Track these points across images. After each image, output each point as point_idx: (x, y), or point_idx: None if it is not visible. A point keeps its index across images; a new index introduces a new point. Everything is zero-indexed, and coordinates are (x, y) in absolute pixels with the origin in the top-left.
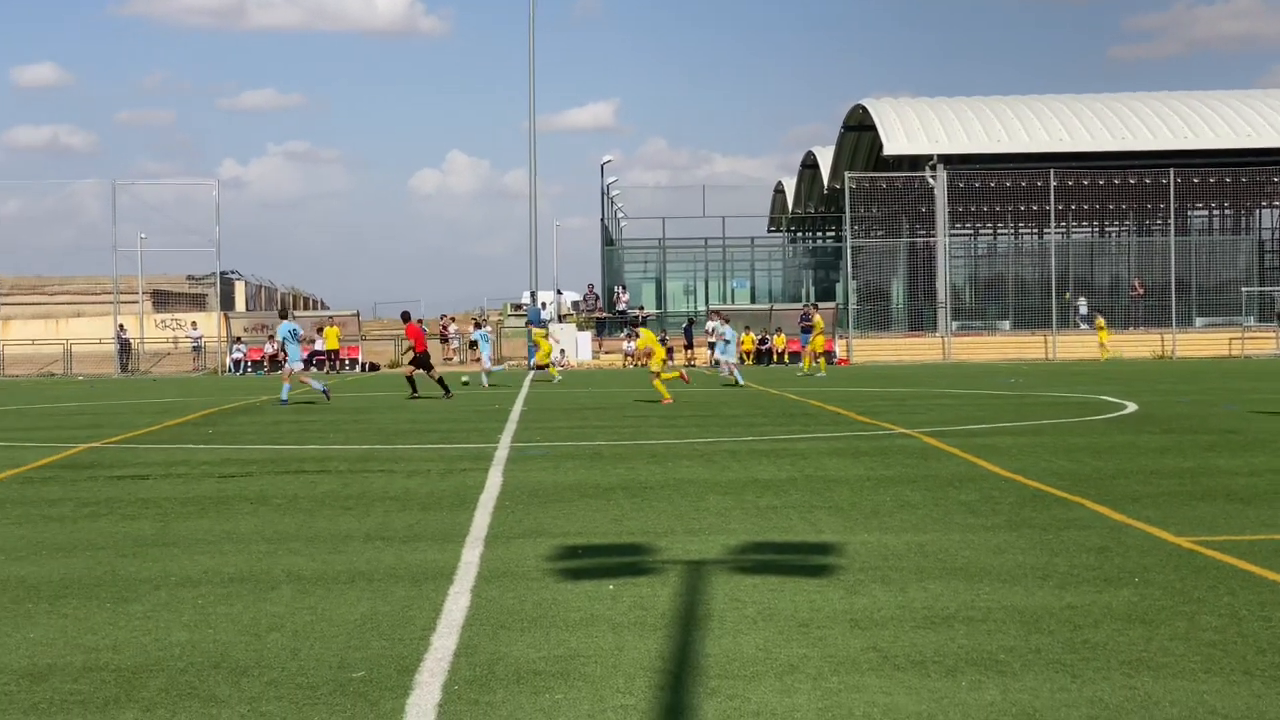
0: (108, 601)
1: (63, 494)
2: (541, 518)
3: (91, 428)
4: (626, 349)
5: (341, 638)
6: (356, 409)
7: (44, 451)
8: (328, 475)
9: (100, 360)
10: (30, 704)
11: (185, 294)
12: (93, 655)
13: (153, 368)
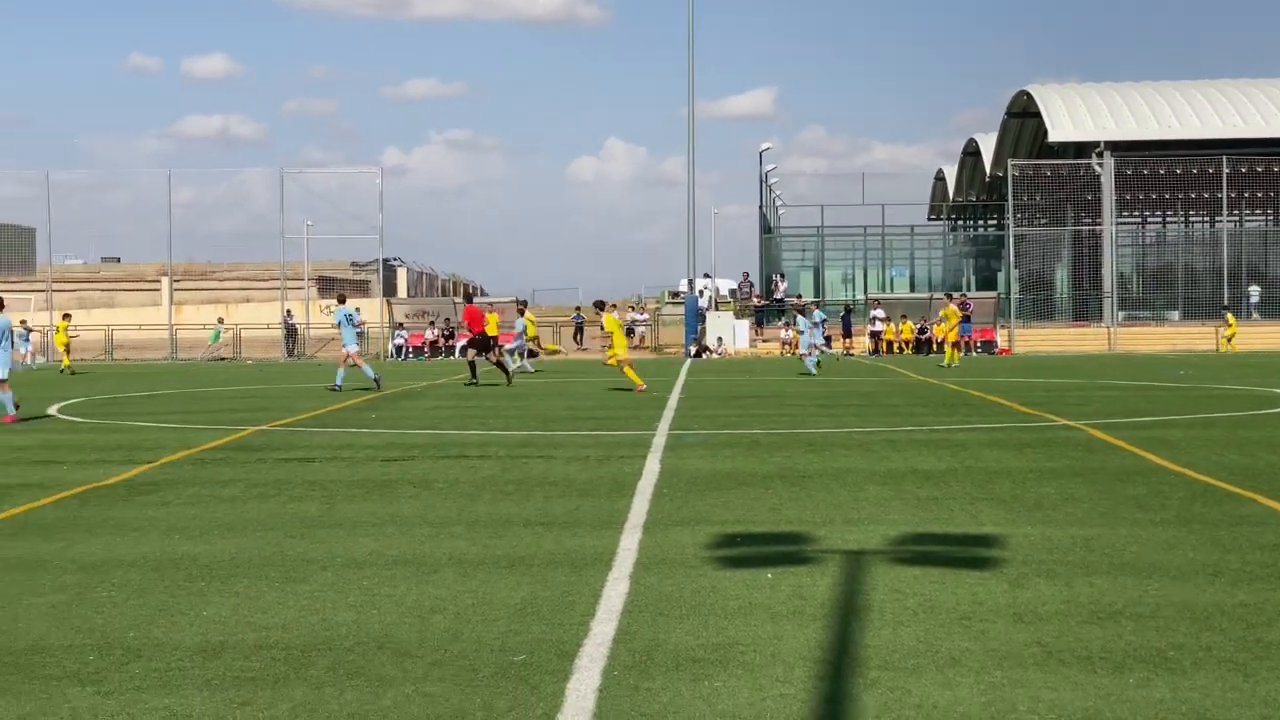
0: (277, 581)
1: (233, 475)
2: (699, 505)
3: (260, 410)
4: (784, 337)
5: (502, 621)
6: (515, 395)
7: (215, 434)
8: (488, 460)
9: (268, 345)
10: (204, 680)
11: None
12: (263, 633)
13: (317, 352)
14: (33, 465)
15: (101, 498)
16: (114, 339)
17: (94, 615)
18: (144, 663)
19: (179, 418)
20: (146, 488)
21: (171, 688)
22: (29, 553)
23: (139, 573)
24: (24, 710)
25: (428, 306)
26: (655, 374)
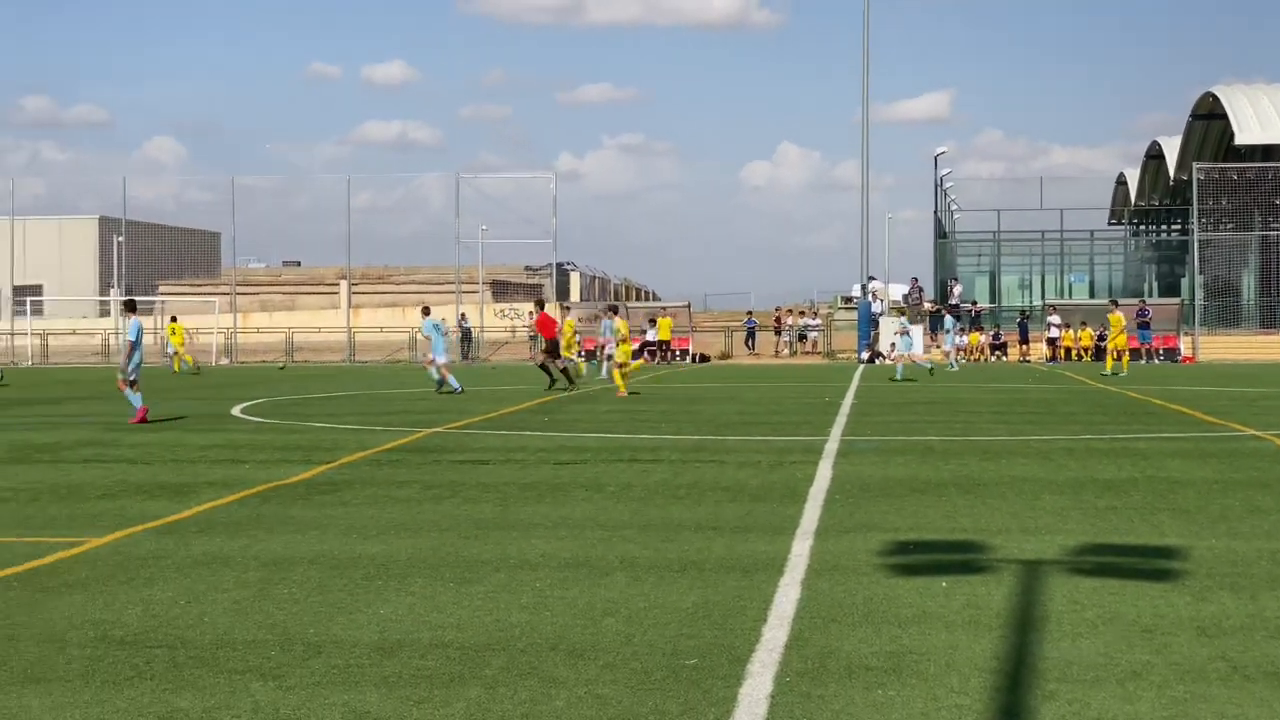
0: (451, 581)
1: (409, 476)
2: (872, 512)
3: (435, 413)
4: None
5: (674, 625)
6: (688, 399)
7: (391, 435)
8: (660, 465)
9: None
10: (381, 677)
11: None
12: (438, 632)
13: (492, 355)
14: (217, 464)
15: (282, 497)
16: (294, 341)
17: (275, 611)
18: (324, 659)
19: (357, 419)
20: (326, 487)
21: (350, 684)
22: (214, 549)
23: (319, 570)
24: (209, 703)
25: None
26: (827, 380)
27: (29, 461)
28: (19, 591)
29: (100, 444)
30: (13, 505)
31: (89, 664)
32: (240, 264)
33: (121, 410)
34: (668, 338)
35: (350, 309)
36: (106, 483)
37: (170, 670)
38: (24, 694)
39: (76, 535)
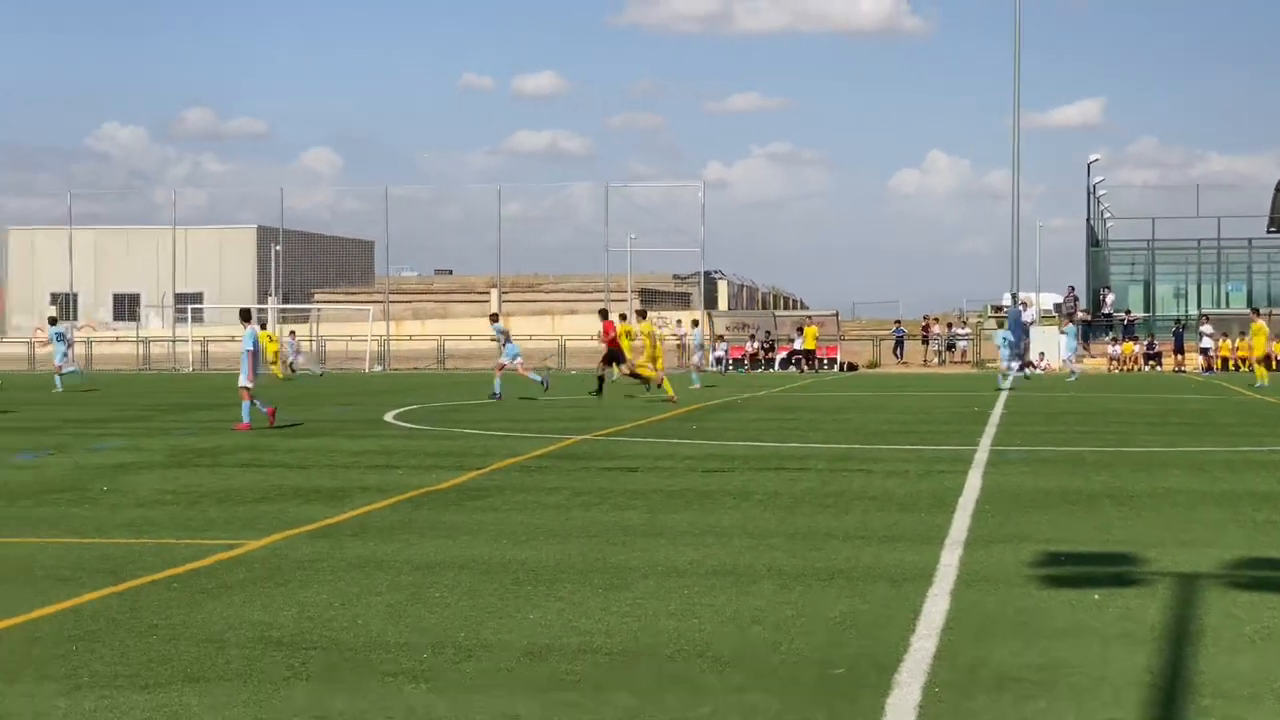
0: (600, 588)
1: (558, 483)
2: (1022, 523)
3: (583, 420)
4: (1112, 353)
5: (822, 634)
6: (835, 408)
7: (541, 442)
8: (807, 473)
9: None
10: (530, 682)
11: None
12: (586, 638)
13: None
14: (371, 470)
15: (434, 502)
16: (445, 349)
17: (427, 615)
18: (474, 663)
19: (506, 426)
20: (476, 493)
21: (500, 688)
22: (368, 553)
23: (469, 575)
24: (363, 705)
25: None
26: (976, 389)
27: (189, 466)
28: (180, 592)
29: (257, 449)
30: (174, 508)
31: (247, 664)
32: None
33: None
34: (813, 346)
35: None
36: (264, 487)
37: (325, 671)
38: (185, 692)
39: (235, 538)
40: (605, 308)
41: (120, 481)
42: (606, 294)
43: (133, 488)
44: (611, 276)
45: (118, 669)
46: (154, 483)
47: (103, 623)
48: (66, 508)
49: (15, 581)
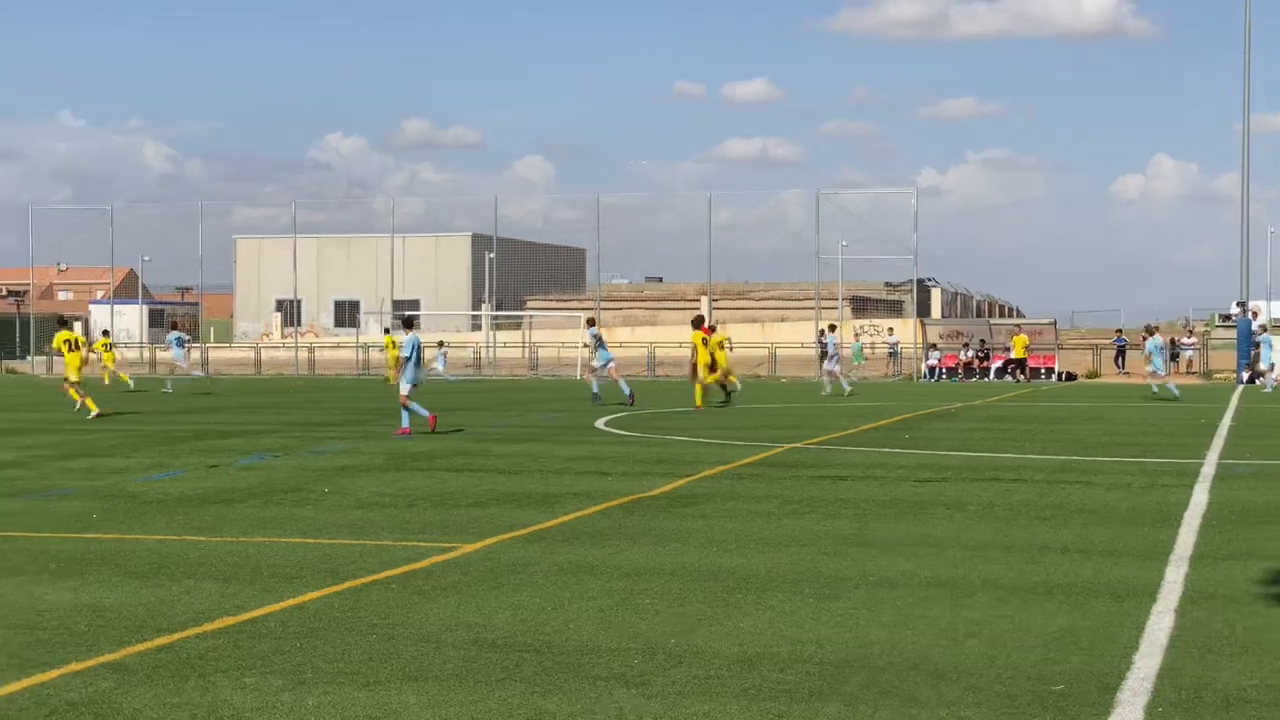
0: (810, 597)
1: (768, 491)
2: (1252, 539)
3: (794, 428)
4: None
5: (1039, 649)
6: (1052, 419)
7: (751, 450)
8: (1024, 484)
9: (802, 364)
10: (741, 689)
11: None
12: (797, 647)
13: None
14: (582, 475)
15: (645, 508)
16: (655, 356)
17: (638, 620)
18: (685, 669)
19: (717, 433)
20: (686, 500)
21: (711, 695)
22: (578, 558)
23: (679, 582)
24: (575, 708)
25: (962, 327)
26: (1204, 400)
27: (406, 469)
28: (397, 593)
29: (470, 454)
30: (391, 511)
31: (462, 664)
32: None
33: (486, 422)
34: (1023, 355)
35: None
36: (477, 491)
37: (539, 674)
38: (403, 691)
39: (450, 541)
40: (701, 316)
41: (340, 484)
42: (817, 301)
43: (352, 490)
44: (822, 284)
45: (339, 666)
46: (372, 485)
47: (325, 621)
48: (290, 509)
49: (242, 580)
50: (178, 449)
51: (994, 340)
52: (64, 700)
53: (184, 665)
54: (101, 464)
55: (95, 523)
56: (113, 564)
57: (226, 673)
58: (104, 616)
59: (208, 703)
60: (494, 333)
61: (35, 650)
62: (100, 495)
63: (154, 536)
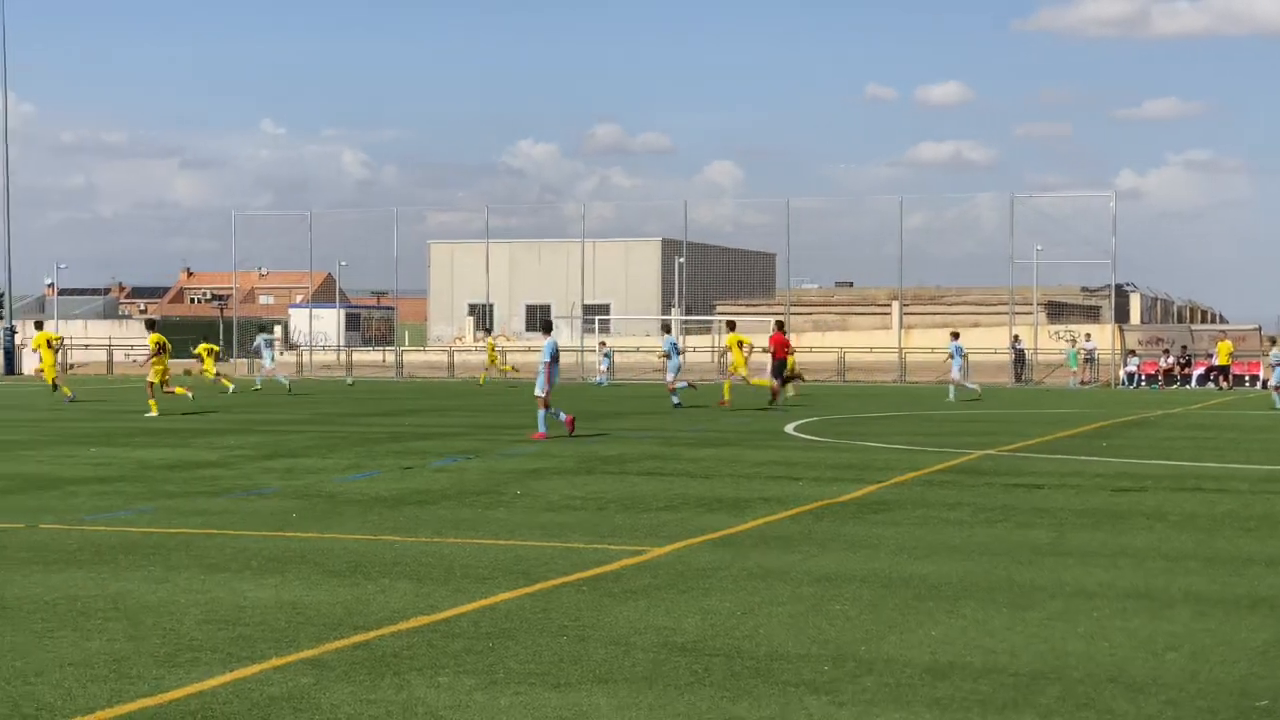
0: (1004, 606)
1: (960, 498)
2: None
3: (986, 435)
4: None
5: (1243, 664)
6: (1258, 427)
7: (943, 456)
8: (1227, 495)
9: (995, 370)
10: (932, 698)
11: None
12: (991, 657)
13: (1045, 378)
14: (772, 480)
15: (834, 514)
16: (845, 361)
17: (828, 627)
18: (875, 677)
19: (907, 439)
20: (876, 506)
21: (902, 703)
22: (769, 563)
23: (869, 589)
24: (764, 713)
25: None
26: None
27: (596, 473)
28: (588, 595)
29: (661, 458)
30: (582, 513)
31: (652, 667)
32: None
33: (677, 426)
34: (1227, 362)
35: (902, 330)
36: (667, 495)
37: (728, 679)
38: (593, 692)
39: (640, 544)
40: (781, 319)
41: (531, 486)
42: (1010, 307)
43: (543, 492)
44: (1016, 289)
45: (530, 667)
46: (563, 488)
47: (516, 621)
48: (482, 510)
49: (435, 580)
50: (373, 450)
51: (1196, 346)
52: (265, 694)
53: (379, 663)
54: (300, 464)
55: (294, 522)
56: (311, 562)
57: (421, 671)
58: (303, 613)
59: (402, 700)
60: (683, 337)
61: (238, 645)
62: (299, 495)
63: (350, 536)
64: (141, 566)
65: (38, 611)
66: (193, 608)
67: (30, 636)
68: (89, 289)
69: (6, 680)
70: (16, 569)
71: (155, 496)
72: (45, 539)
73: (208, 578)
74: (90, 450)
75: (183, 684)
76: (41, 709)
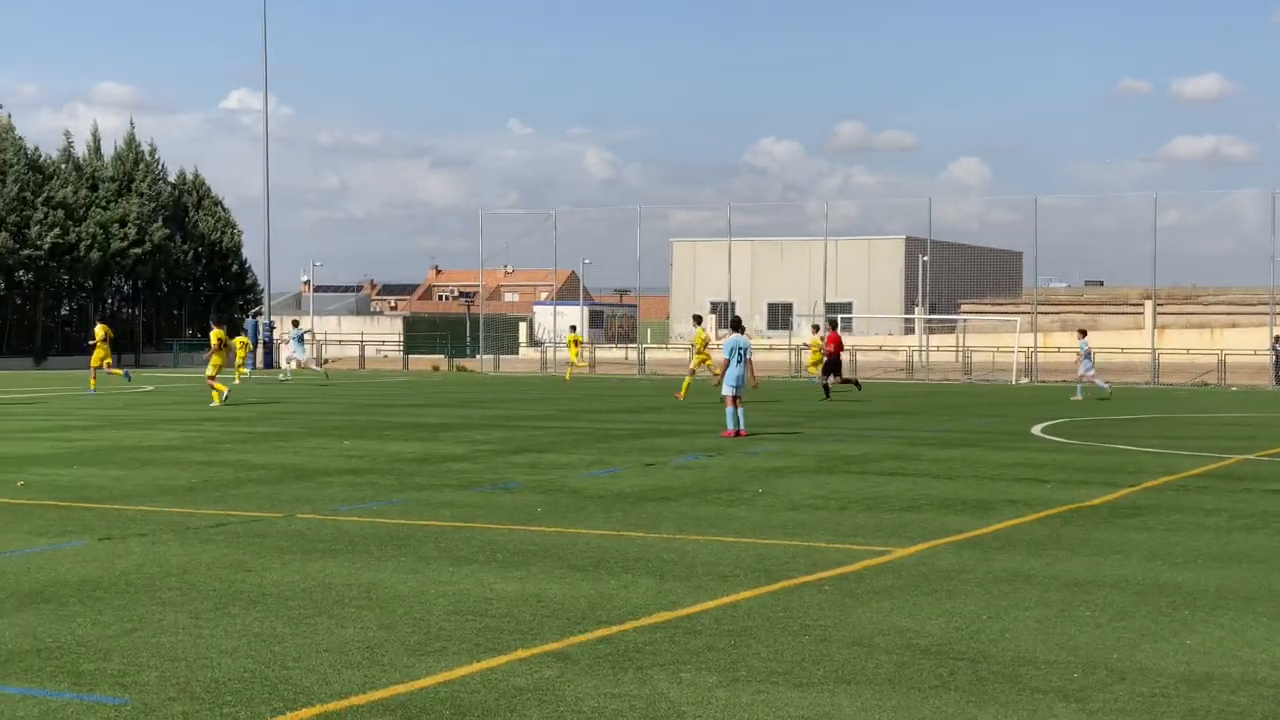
0: (1264, 616)
1: (1217, 504)
2: None
3: (1246, 439)
4: None
5: None
6: None
7: (1198, 460)
8: None
9: (1254, 372)
10: (1187, 709)
11: None
12: (1250, 669)
13: None
14: (1017, 482)
15: (1083, 518)
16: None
17: (1077, 633)
18: (1127, 685)
19: (1160, 442)
20: (1128, 511)
21: (1156, 714)
22: (1014, 566)
23: (1120, 595)
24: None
25: None
26: None
27: (838, 472)
28: (830, 595)
29: (903, 458)
30: (823, 513)
31: (895, 669)
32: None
33: (920, 426)
34: None
35: (1155, 330)
36: (910, 495)
37: (973, 683)
38: (836, 693)
39: (883, 544)
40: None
41: (773, 484)
42: (1272, 306)
43: (785, 491)
44: (1276, 288)
45: (773, 665)
46: (805, 487)
47: (758, 620)
48: (724, 508)
49: (677, 576)
50: (616, 447)
51: None
52: (511, 685)
53: (622, 657)
54: (544, 460)
55: (539, 516)
56: (555, 556)
57: (663, 666)
58: (548, 606)
59: (645, 695)
60: (926, 336)
61: (485, 636)
62: (543, 490)
63: (594, 531)
64: (393, 557)
65: (295, 599)
66: (441, 598)
67: (288, 623)
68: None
69: (266, 664)
70: (275, 557)
71: (405, 489)
72: (302, 528)
73: (456, 569)
74: (344, 443)
75: (432, 672)
76: (299, 693)
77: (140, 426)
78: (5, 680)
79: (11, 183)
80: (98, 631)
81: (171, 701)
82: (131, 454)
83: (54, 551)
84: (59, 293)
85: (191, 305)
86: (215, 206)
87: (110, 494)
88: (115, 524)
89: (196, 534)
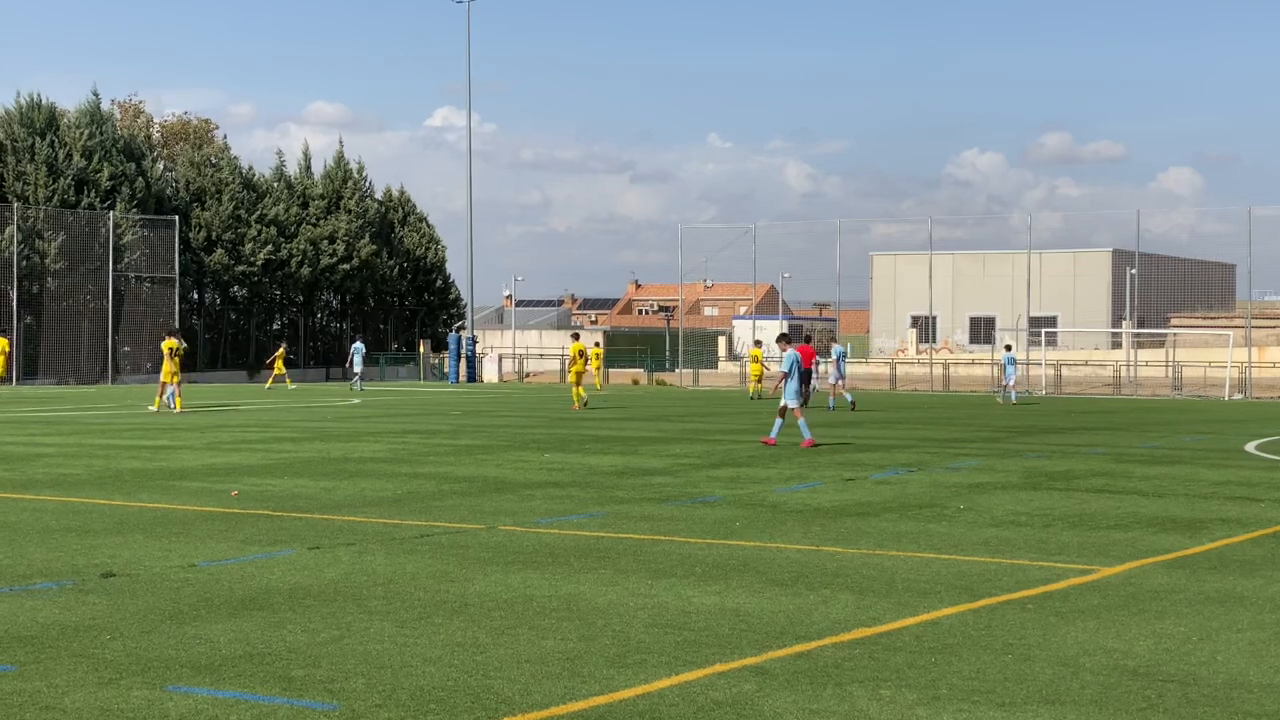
0: None
1: None
2: None
3: None
4: None
5: None
6: None
7: None
8: None
9: None
10: None
11: None
12: None
13: None
14: (1231, 501)
15: None
16: None
17: None
18: None
19: None
20: None
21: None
22: (1227, 587)
23: None
24: None
25: None
26: None
27: (1043, 488)
28: (1033, 613)
29: (1110, 474)
30: (1027, 530)
31: (1101, 691)
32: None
33: (1129, 442)
34: None
35: None
36: (1118, 513)
37: (1182, 705)
38: (1039, 714)
39: (1089, 563)
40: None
41: (976, 500)
42: None
43: (988, 507)
44: None
45: (974, 684)
46: (1008, 503)
47: (959, 637)
48: (925, 524)
49: (877, 592)
50: (815, 462)
51: None
52: (709, 699)
53: (821, 673)
54: (744, 474)
55: (738, 530)
56: (754, 570)
57: (862, 683)
58: (746, 621)
59: (844, 711)
60: (1134, 350)
61: (683, 650)
62: (743, 504)
63: (793, 546)
64: (592, 569)
65: (497, 610)
66: (641, 611)
67: (490, 633)
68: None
69: (468, 674)
70: (478, 568)
71: (605, 502)
72: (503, 540)
73: (655, 582)
74: (544, 456)
75: (631, 685)
76: (501, 702)
77: (347, 439)
78: (219, 684)
79: (227, 201)
80: (307, 638)
81: (378, 708)
82: (339, 465)
83: (265, 560)
84: (271, 307)
85: (397, 320)
86: (420, 223)
87: (319, 504)
88: (324, 534)
89: (402, 544)
